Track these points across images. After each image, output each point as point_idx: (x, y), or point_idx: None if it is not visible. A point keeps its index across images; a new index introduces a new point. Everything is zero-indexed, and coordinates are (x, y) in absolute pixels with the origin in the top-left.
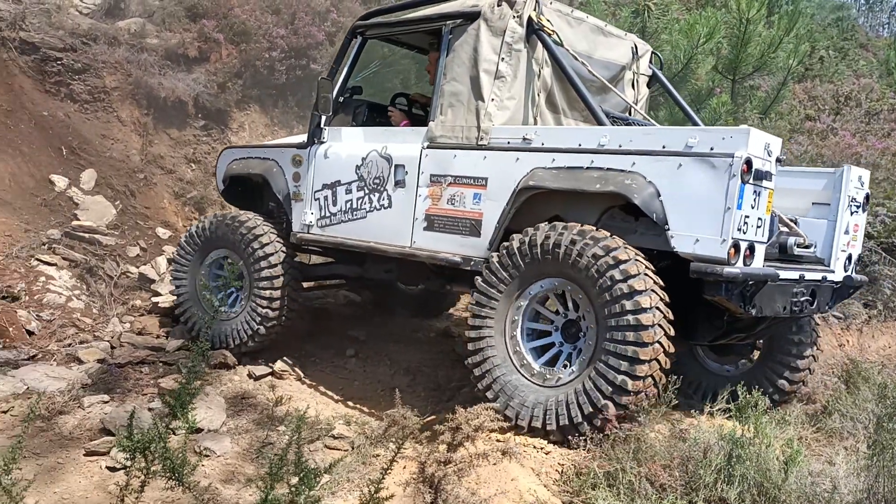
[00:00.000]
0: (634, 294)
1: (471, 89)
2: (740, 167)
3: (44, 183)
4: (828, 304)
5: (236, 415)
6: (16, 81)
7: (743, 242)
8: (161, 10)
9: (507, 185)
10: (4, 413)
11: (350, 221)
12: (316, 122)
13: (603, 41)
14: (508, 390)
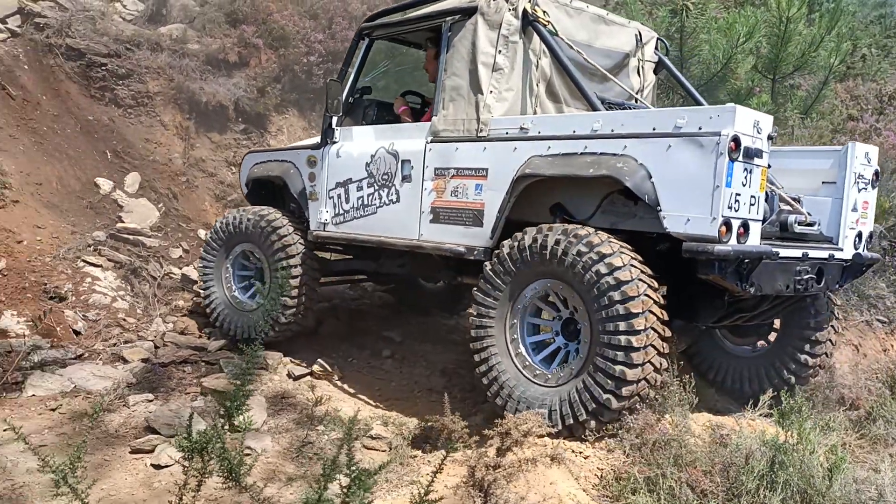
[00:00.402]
0: (621, 285)
1: (470, 83)
2: (727, 145)
3: (89, 186)
4: (837, 283)
5: (276, 414)
6: (62, 87)
7: (735, 220)
8: (202, 15)
9: (505, 174)
10: (53, 411)
11: (362, 217)
12: (327, 123)
13: (604, 30)
14: (514, 394)
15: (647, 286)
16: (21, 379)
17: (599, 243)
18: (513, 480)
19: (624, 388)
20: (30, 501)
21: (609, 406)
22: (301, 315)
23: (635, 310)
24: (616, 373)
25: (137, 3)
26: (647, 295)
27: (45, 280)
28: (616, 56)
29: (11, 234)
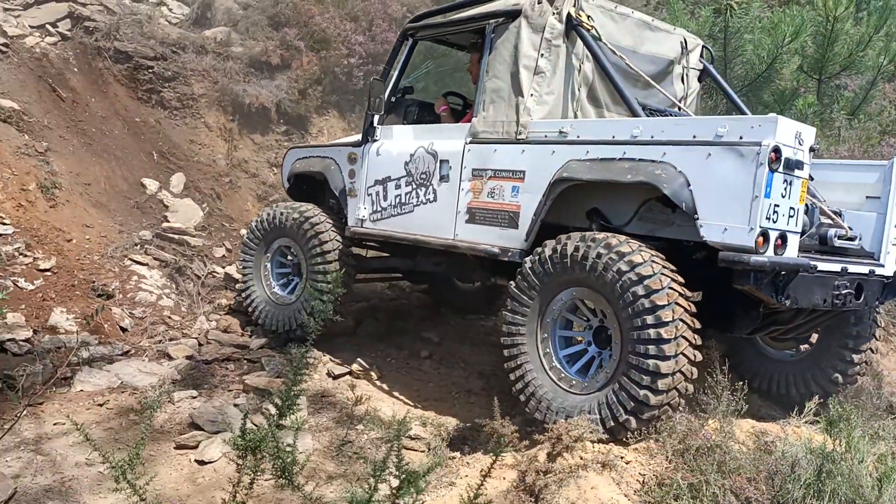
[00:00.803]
0: (657, 309)
1: (511, 85)
2: (768, 155)
3: (136, 186)
4: (878, 299)
5: (317, 413)
6: (110, 89)
7: (773, 231)
8: (245, 19)
9: (543, 177)
10: (100, 406)
11: (399, 215)
12: (369, 122)
13: (650, 36)
14: (552, 406)
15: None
16: (70, 374)
17: (641, 263)
18: (564, 486)
19: (645, 412)
20: (78, 494)
21: (647, 402)
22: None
23: (668, 335)
24: (640, 396)
25: (183, 7)
26: (681, 320)
27: (93, 278)
28: (660, 62)
29: (61, 232)
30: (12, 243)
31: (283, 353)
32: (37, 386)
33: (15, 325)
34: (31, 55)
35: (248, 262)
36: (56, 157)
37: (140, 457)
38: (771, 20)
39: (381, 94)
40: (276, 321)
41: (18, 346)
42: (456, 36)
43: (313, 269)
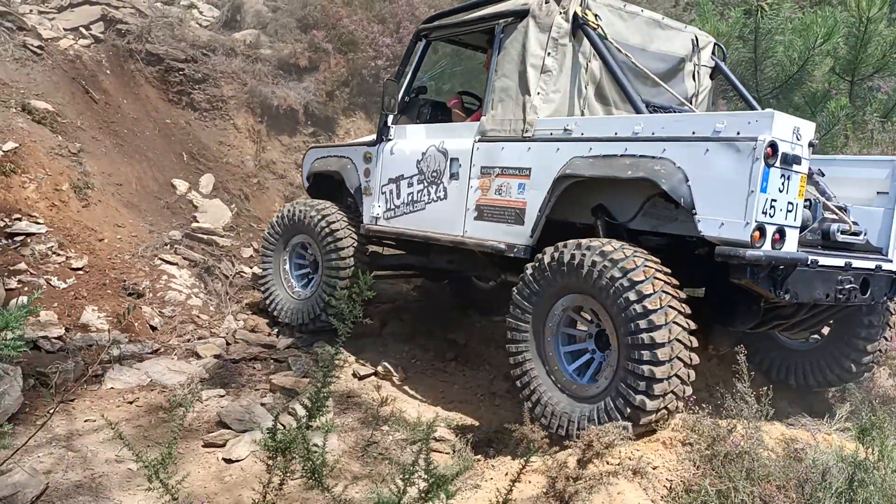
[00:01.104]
0: (649, 313)
1: (518, 84)
2: (764, 150)
3: (166, 186)
4: (885, 294)
5: (342, 413)
6: (142, 91)
7: (770, 226)
8: (274, 21)
9: (547, 174)
10: (130, 403)
11: (412, 213)
12: (383, 121)
13: (660, 34)
14: (549, 403)
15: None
16: (101, 372)
17: (633, 269)
18: (594, 493)
19: (643, 417)
20: (108, 491)
21: (644, 407)
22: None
23: (661, 340)
24: (636, 402)
25: (213, 10)
26: (675, 322)
27: (124, 277)
28: (671, 60)
29: (93, 232)
30: (46, 242)
31: (310, 353)
32: (68, 383)
33: (48, 323)
34: (65, 57)
35: (267, 257)
36: (89, 158)
37: (172, 456)
38: (802, 21)
39: (395, 95)
40: (291, 315)
41: (51, 344)
42: (469, 36)
43: (328, 264)
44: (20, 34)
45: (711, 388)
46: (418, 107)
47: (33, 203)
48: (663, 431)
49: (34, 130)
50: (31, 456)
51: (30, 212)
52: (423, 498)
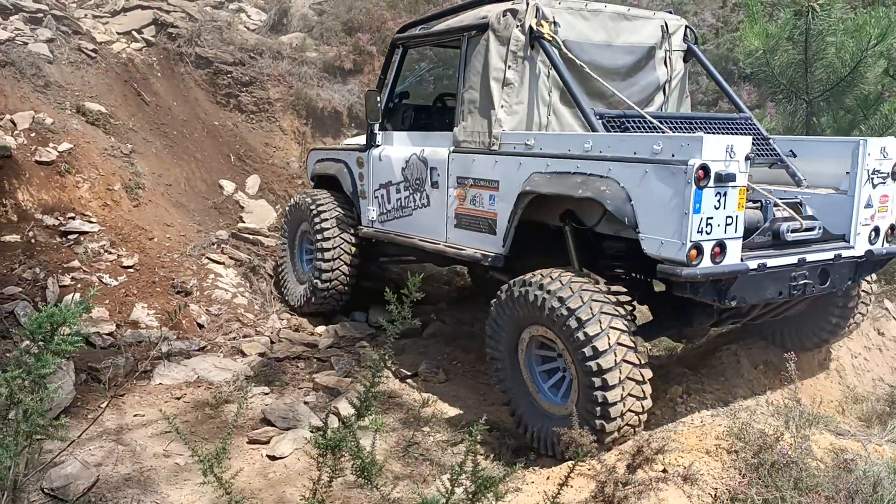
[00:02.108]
0: (592, 340)
1: (483, 97)
2: (695, 174)
3: (214, 187)
4: (850, 279)
5: (384, 413)
6: (191, 93)
7: (707, 243)
8: (320, 24)
9: (512, 188)
10: (178, 399)
11: (400, 218)
12: (370, 129)
13: (626, 26)
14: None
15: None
16: (150, 368)
17: (570, 296)
18: (643, 498)
19: (605, 438)
20: (156, 484)
21: (604, 430)
22: (336, 284)
23: (607, 365)
24: (597, 426)
25: (261, 14)
26: (620, 344)
27: (172, 275)
28: (640, 51)
29: (144, 231)
30: (98, 241)
31: (352, 354)
32: (119, 378)
33: (99, 320)
34: (118, 60)
35: (283, 244)
36: (140, 159)
37: (227, 452)
38: (855, 22)
39: (377, 104)
40: (294, 297)
41: (102, 340)
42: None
43: (316, 248)
44: (75, 38)
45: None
46: (402, 112)
47: (87, 202)
48: (707, 439)
49: (88, 132)
50: (83, 449)
51: (83, 211)
52: (471, 500)
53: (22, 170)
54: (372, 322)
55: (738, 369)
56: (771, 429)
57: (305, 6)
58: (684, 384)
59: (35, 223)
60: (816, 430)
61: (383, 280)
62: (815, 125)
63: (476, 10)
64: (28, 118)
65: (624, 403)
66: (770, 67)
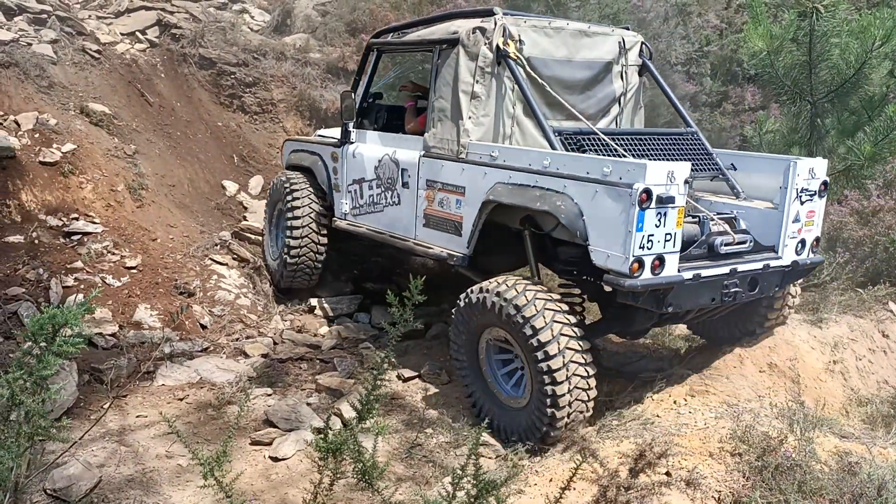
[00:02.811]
0: (544, 345)
1: (452, 107)
2: (638, 197)
3: (217, 188)
4: (777, 286)
5: (386, 415)
6: (195, 94)
7: (647, 257)
8: (323, 25)
9: (477, 196)
10: (181, 400)
11: (372, 213)
12: (345, 127)
13: (586, 42)
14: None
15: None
16: (153, 369)
17: (525, 305)
18: (646, 502)
19: (555, 428)
20: (158, 485)
21: (555, 418)
22: (304, 260)
23: (556, 366)
24: (547, 416)
25: (264, 15)
26: (568, 348)
27: (175, 276)
28: (597, 66)
29: (147, 232)
30: (101, 241)
31: (355, 355)
32: (121, 379)
33: (102, 321)
34: (122, 61)
35: (265, 224)
36: (143, 159)
37: (227, 455)
38: (859, 23)
39: (352, 104)
40: (271, 273)
41: (105, 341)
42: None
43: (285, 225)
44: (79, 39)
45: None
46: (375, 112)
47: (90, 203)
48: (711, 442)
49: (92, 132)
50: (86, 450)
51: (87, 211)
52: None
53: (26, 170)
54: (375, 323)
55: (742, 371)
56: (775, 431)
57: (309, 7)
58: (687, 386)
59: (38, 224)
60: (820, 432)
61: (386, 281)
62: (820, 126)
63: (447, 24)
64: (32, 119)
65: (571, 394)
66: (774, 69)
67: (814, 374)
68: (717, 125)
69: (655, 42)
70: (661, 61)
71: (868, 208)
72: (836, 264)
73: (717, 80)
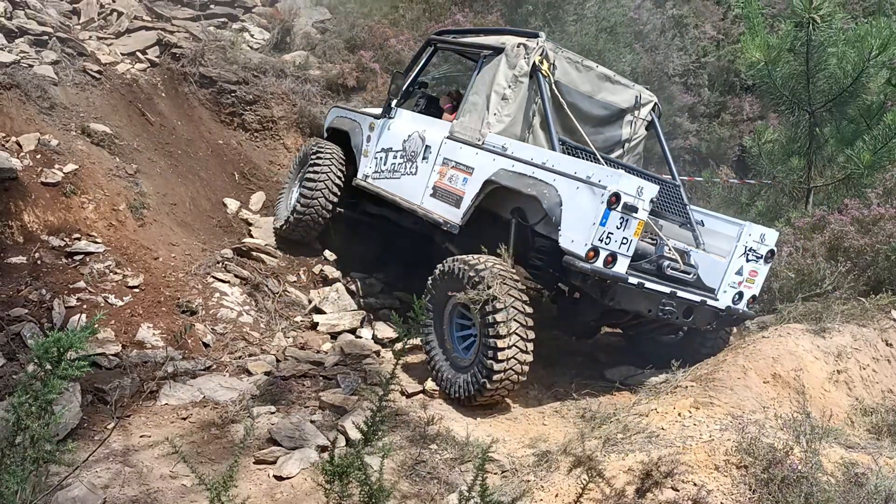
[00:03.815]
0: (496, 311)
1: (483, 103)
2: (608, 197)
3: (218, 205)
4: (710, 324)
5: (390, 431)
6: (195, 113)
7: (603, 250)
8: (323, 43)
9: (482, 175)
10: (184, 420)
11: (390, 179)
12: (388, 103)
13: (608, 86)
14: (446, 375)
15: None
16: (156, 388)
17: (483, 270)
18: None
19: (493, 380)
20: None
21: (493, 369)
22: (312, 213)
23: (503, 331)
24: (486, 367)
25: (264, 33)
26: (515, 319)
27: (178, 295)
28: (612, 109)
29: (149, 251)
30: (103, 261)
31: (358, 371)
32: (125, 399)
33: (105, 341)
34: (123, 81)
35: (286, 183)
36: (145, 178)
37: (233, 478)
38: (856, 33)
39: (401, 84)
40: (279, 219)
41: (108, 361)
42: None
43: (304, 178)
44: (80, 60)
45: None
46: (417, 97)
47: (92, 223)
48: (716, 455)
49: (93, 152)
50: (90, 471)
51: (89, 231)
52: None
53: (28, 191)
54: (378, 339)
55: (746, 382)
56: (780, 443)
57: (308, 25)
58: (691, 398)
59: (41, 244)
60: (826, 443)
61: (388, 297)
62: (819, 136)
63: (497, 37)
64: (34, 140)
65: (510, 351)
66: (772, 79)
67: (818, 384)
68: (715, 136)
69: (653, 54)
70: (658, 73)
71: (868, 217)
72: (838, 273)
73: (715, 90)
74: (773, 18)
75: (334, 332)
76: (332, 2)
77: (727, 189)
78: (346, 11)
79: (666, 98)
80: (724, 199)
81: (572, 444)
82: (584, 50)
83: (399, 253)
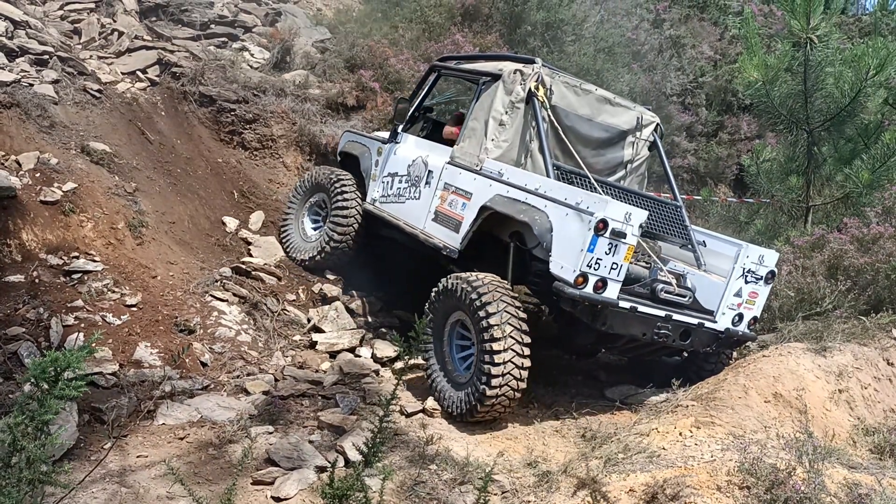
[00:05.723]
0: (491, 328)
1: (481, 128)
2: (595, 224)
3: (217, 224)
4: (709, 346)
5: (389, 451)
6: (195, 131)
7: (592, 276)
8: (322, 62)
9: (479, 201)
10: (181, 440)
11: (395, 203)
12: (394, 128)
13: (608, 109)
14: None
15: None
16: (153, 408)
17: (486, 293)
18: None
19: (485, 401)
20: None
21: (485, 394)
22: (348, 239)
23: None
24: (480, 390)
25: (264, 52)
26: (511, 336)
27: (176, 314)
28: (613, 131)
29: (147, 269)
30: (102, 280)
31: (357, 391)
32: (122, 419)
33: (102, 360)
34: (123, 100)
35: (290, 209)
36: (143, 197)
37: (231, 500)
38: (853, 52)
39: (405, 110)
40: (298, 251)
41: (105, 380)
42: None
43: (334, 207)
44: (80, 79)
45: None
46: (422, 122)
47: (90, 241)
48: (719, 475)
49: (92, 171)
50: (86, 492)
51: (87, 250)
52: None
53: (27, 210)
54: (377, 358)
55: (747, 401)
56: (783, 463)
57: (308, 44)
58: (692, 417)
59: (39, 263)
60: (829, 463)
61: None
62: (817, 155)
63: (496, 63)
64: (33, 158)
65: (504, 378)
66: (770, 98)
67: (819, 403)
68: (713, 154)
69: (651, 74)
70: (656, 93)
71: (868, 236)
72: (839, 292)
73: (713, 110)
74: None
75: (333, 351)
76: (332, 21)
77: (725, 208)
78: (345, 31)
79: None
80: (723, 217)
81: (573, 464)
82: (582, 70)
83: (398, 272)
